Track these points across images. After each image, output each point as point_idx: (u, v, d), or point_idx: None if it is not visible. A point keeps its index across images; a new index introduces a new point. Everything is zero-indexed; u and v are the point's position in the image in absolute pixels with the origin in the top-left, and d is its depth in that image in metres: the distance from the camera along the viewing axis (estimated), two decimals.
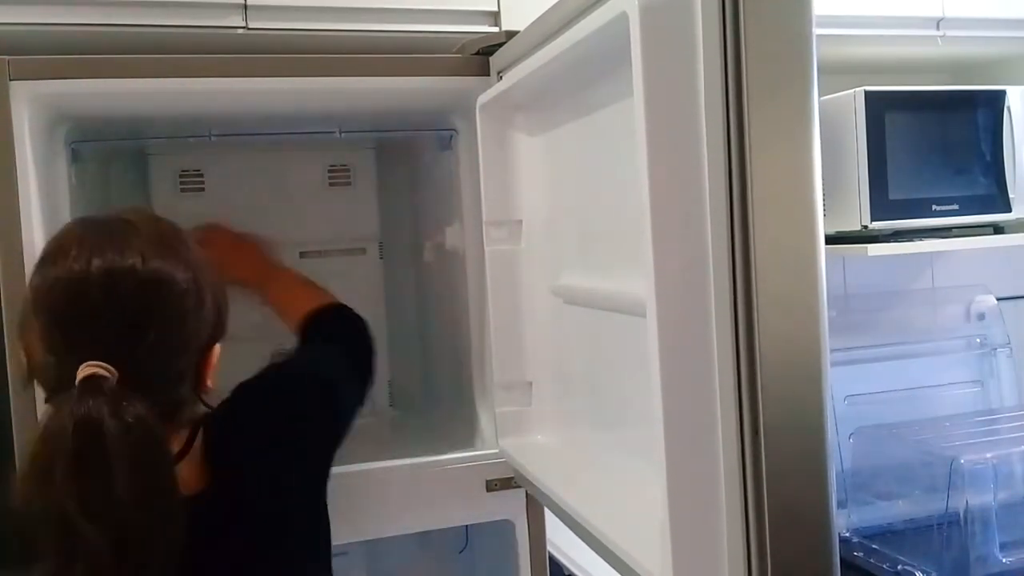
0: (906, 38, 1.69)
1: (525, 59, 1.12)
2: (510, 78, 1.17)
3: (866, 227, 1.59)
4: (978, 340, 2.01)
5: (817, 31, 0.73)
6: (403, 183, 1.79)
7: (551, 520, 1.34)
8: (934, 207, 1.64)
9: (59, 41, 1.27)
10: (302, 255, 1.75)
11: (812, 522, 0.75)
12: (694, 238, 0.77)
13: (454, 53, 1.38)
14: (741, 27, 0.72)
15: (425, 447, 1.40)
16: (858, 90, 1.60)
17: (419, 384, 1.81)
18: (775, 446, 0.74)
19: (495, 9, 1.44)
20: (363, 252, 1.80)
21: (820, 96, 0.74)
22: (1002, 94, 1.68)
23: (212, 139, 1.42)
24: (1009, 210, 1.68)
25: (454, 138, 1.45)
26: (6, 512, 0.81)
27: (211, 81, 1.26)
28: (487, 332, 1.34)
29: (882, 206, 1.59)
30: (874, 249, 1.60)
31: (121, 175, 1.63)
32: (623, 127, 0.85)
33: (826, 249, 0.75)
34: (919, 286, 2.04)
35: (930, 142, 1.66)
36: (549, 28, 1.06)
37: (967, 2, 1.67)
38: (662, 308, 0.77)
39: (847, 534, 1.67)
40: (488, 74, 1.33)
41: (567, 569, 1.65)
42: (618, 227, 1.02)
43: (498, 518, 1.39)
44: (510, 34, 1.25)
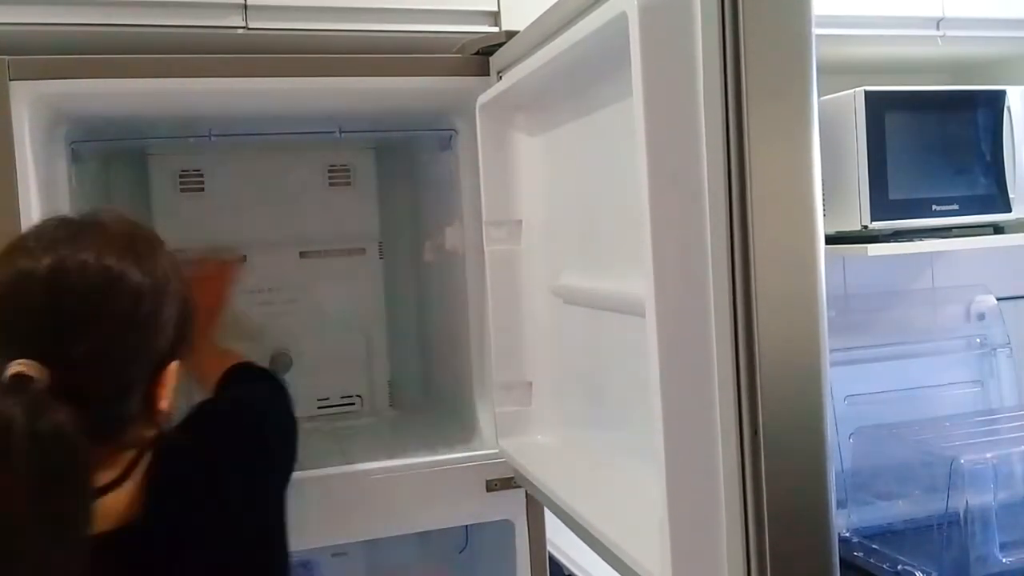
0: (906, 38, 1.69)
1: (525, 59, 1.12)
2: (510, 78, 1.17)
3: (866, 227, 1.59)
4: (978, 340, 2.00)
5: (817, 31, 0.73)
6: (403, 183, 1.79)
7: (551, 520, 1.34)
8: (934, 207, 1.64)
9: (59, 41, 1.27)
10: (302, 255, 1.75)
11: (812, 522, 0.75)
12: (693, 238, 0.77)
13: (454, 53, 1.38)
14: (741, 27, 0.72)
15: (425, 447, 1.40)
16: (858, 90, 1.59)
17: (419, 384, 1.81)
18: (774, 446, 0.74)
19: (495, 9, 1.44)
20: (363, 252, 1.80)
21: (820, 96, 0.74)
22: (1002, 94, 1.68)
23: (212, 139, 1.42)
24: (1009, 210, 1.68)
25: (454, 138, 1.45)
26: None
27: (211, 81, 1.26)
28: (487, 332, 1.34)
29: (882, 206, 1.59)
30: (874, 249, 1.59)
31: (121, 175, 1.64)
32: (623, 127, 0.85)
33: (826, 249, 0.75)
34: (919, 286, 2.03)
35: (930, 142, 1.66)
36: (549, 28, 1.06)
37: (967, 2, 1.67)
38: (661, 308, 0.77)
39: (847, 534, 1.67)
40: (488, 74, 1.33)
41: (567, 569, 1.64)
42: (618, 227, 1.03)
43: (498, 518, 1.39)
44: (510, 34, 1.26)
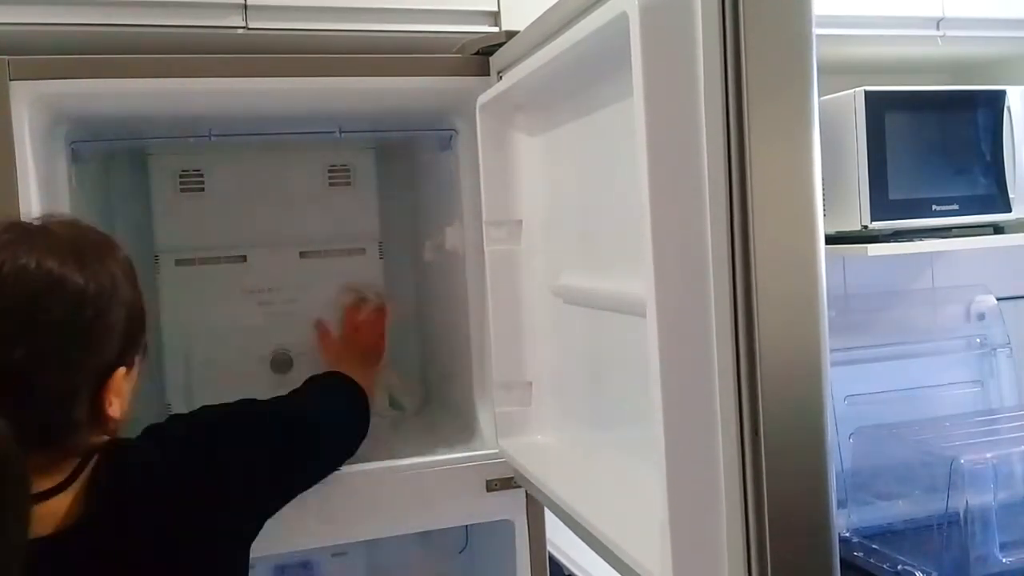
0: (906, 38, 1.69)
1: (525, 59, 1.12)
2: (510, 78, 1.17)
3: (866, 227, 1.59)
4: (978, 340, 2.00)
5: (817, 31, 0.73)
6: (403, 183, 1.79)
7: (551, 520, 1.34)
8: (934, 207, 1.64)
9: (59, 41, 1.27)
10: (302, 255, 1.75)
11: (812, 522, 0.75)
12: (694, 238, 0.77)
13: (454, 53, 1.38)
14: (741, 27, 0.72)
15: (425, 447, 1.40)
16: (858, 90, 1.60)
17: (419, 384, 1.81)
18: (775, 446, 0.73)
19: (495, 9, 1.44)
20: (363, 252, 1.79)
21: (820, 96, 0.74)
22: (1002, 94, 1.68)
23: (212, 139, 1.41)
24: (1009, 210, 1.68)
25: (454, 138, 1.45)
26: None
27: (211, 81, 1.26)
28: (487, 332, 1.33)
29: (882, 206, 1.59)
30: (874, 249, 1.59)
31: (121, 175, 1.63)
32: (623, 127, 0.85)
33: (826, 249, 0.75)
34: (919, 286, 2.04)
35: (930, 142, 1.66)
36: (549, 28, 1.05)
37: (967, 2, 1.67)
38: (662, 308, 0.77)
39: (847, 534, 1.67)
40: (488, 74, 1.33)
41: (567, 569, 1.64)
42: (618, 227, 1.02)
43: (498, 518, 1.39)
44: (510, 34, 1.25)
